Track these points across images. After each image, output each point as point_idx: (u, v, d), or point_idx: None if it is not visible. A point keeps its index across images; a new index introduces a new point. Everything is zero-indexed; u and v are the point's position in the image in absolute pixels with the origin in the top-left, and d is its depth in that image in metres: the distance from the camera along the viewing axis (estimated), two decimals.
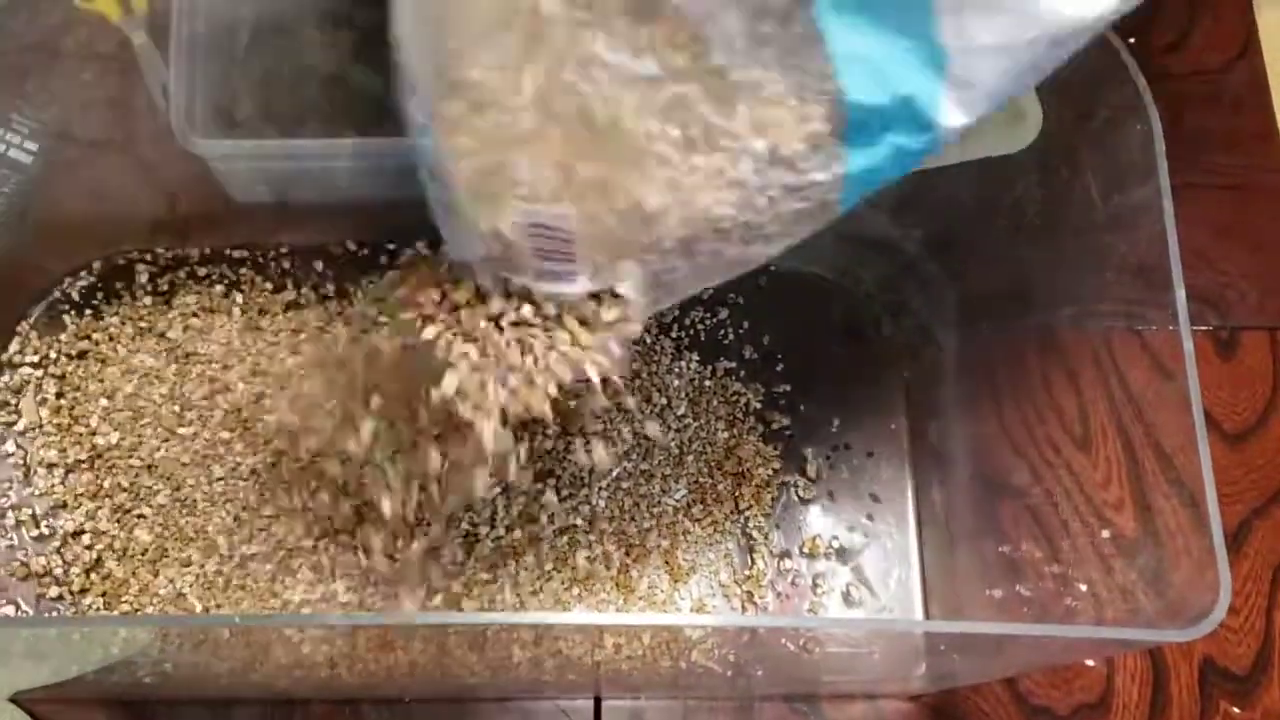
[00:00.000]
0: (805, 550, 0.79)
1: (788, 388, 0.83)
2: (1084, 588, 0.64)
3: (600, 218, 0.47)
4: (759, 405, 0.82)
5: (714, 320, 0.84)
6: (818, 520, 0.80)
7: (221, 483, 0.77)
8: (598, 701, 0.75)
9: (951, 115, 0.45)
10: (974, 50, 0.43)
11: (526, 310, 0.52)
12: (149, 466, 0.77)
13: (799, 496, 0.80)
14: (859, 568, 0.79)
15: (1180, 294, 0.57)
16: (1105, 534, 0.64)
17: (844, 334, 0.85)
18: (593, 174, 0.45)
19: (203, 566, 0.75)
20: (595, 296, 0.51)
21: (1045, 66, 0.45)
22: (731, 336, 0.84)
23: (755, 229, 0.48)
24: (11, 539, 0.75)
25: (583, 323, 0.52)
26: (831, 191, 0.47)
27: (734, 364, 0.83)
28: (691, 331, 0.84)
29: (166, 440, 0.78)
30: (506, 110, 0.44)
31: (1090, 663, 0.76)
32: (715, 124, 0.44)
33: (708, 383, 0.82)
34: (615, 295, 0.51)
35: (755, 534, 0.79)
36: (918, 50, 0.43)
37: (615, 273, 0.49)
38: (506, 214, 0.47)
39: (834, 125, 0.44)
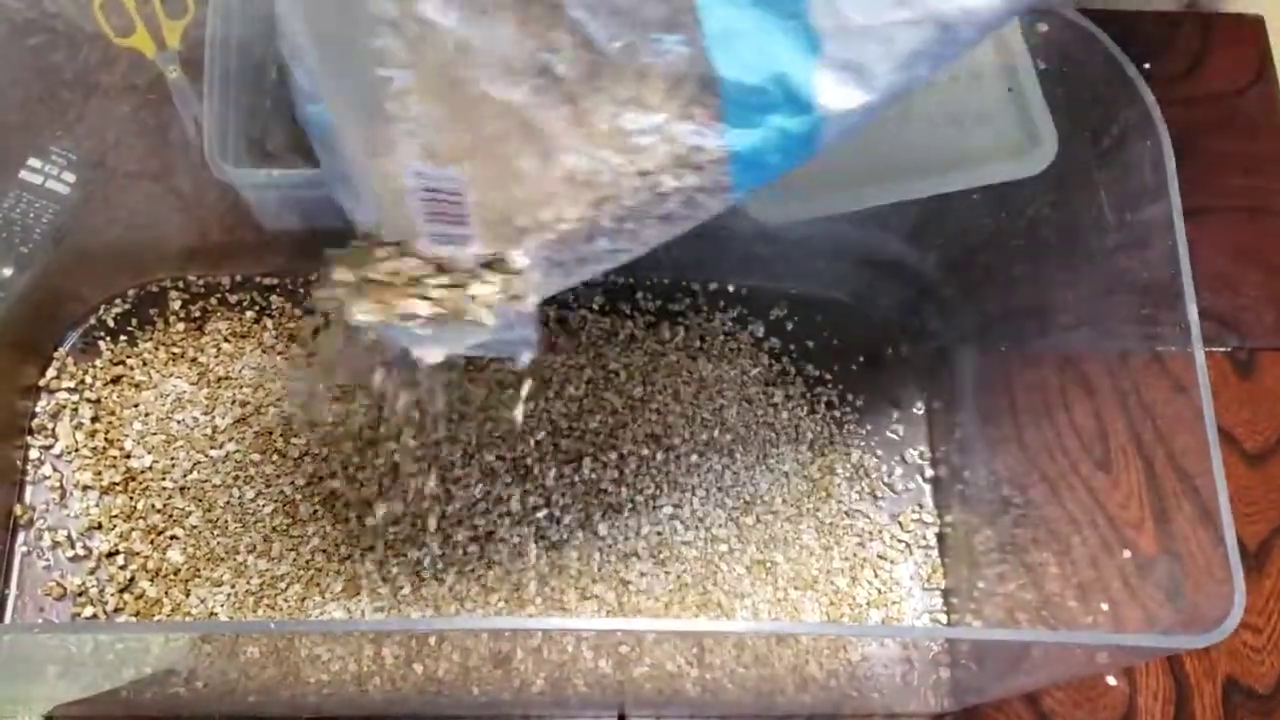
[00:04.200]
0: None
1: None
2: (1105, 606, 0.64)
3: (496, 187, 0.47)
4: None
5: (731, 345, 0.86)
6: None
7: (252, 504, 0.78)
8: (621, 719, 0.75)
9: (832, 96, 0.45)
10: (851, 31, 0.44)
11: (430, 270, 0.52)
12: (181, 488, 0.78)
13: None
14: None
15: (1192, 309, 0.57)
16: (1126, 554, 0.64)
17: (863, 357, 0.86)
18: (478, 138, 0.46)
19: (234, 586, 0.76)
20: (489, 266, 0.51)
21: (941, 54, 0.45)
22: None
23: (645, 210, 0.48)
24: (48, 559, 0.77)
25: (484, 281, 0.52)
26: (719, 171, 0.47)
27: None
28: None
29: (198, 463, 0.79)
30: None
31: (1113, 681, 0.76)
32: (589, 98, 0.44)
33: None
34: (507, 266, 0.51)
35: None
36: (792, 30, 0.44)
37: (509, 241, 0.49)
38: (398, 178, 0.47)
39: (710, 102, 0.45)
